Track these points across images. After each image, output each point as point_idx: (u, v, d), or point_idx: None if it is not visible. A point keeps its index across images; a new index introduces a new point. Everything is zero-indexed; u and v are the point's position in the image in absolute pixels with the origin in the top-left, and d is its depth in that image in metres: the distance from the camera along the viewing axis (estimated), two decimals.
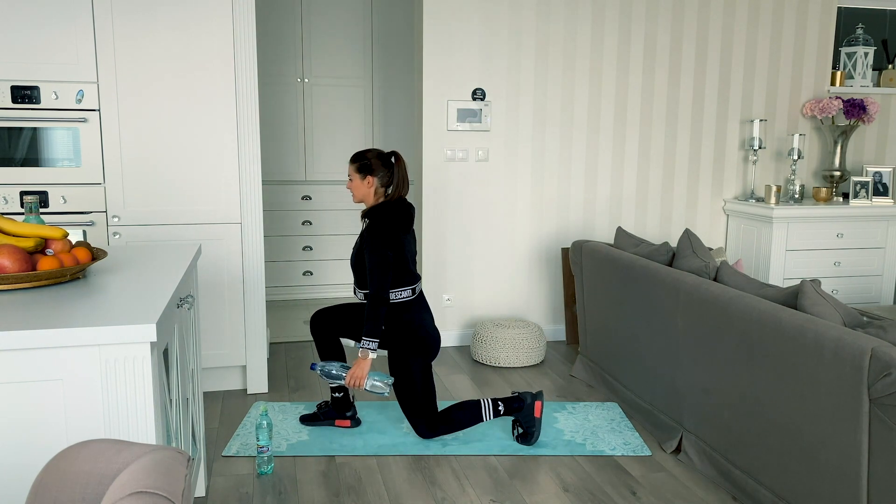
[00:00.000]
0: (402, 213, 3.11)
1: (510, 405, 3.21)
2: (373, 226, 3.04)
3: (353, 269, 3.19)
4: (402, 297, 3.13)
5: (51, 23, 3.34)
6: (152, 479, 1.12)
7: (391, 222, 3.06)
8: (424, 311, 3.20)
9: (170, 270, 2.23)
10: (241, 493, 2.81)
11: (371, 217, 3.07)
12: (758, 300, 2.63)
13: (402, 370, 3.15)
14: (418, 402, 3.16)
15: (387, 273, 3.03)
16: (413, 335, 3.13)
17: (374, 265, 3.02)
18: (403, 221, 3.11)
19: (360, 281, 3.19)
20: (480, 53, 4.46)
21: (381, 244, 3.02)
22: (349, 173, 3.17)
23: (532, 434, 3.20)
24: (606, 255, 3.70)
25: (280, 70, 5.60)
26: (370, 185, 3.13)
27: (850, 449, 2.22)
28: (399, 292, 3.12)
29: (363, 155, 3.13)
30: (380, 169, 3.12)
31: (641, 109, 4.76)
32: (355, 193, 3.17)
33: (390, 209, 3.09)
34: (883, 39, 5.39)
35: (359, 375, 3.06)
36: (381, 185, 3.14)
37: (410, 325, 3.14)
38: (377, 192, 3.14)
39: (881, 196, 4.97)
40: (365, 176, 3.12)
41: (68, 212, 3.49)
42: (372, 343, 3.04)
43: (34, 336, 1.58)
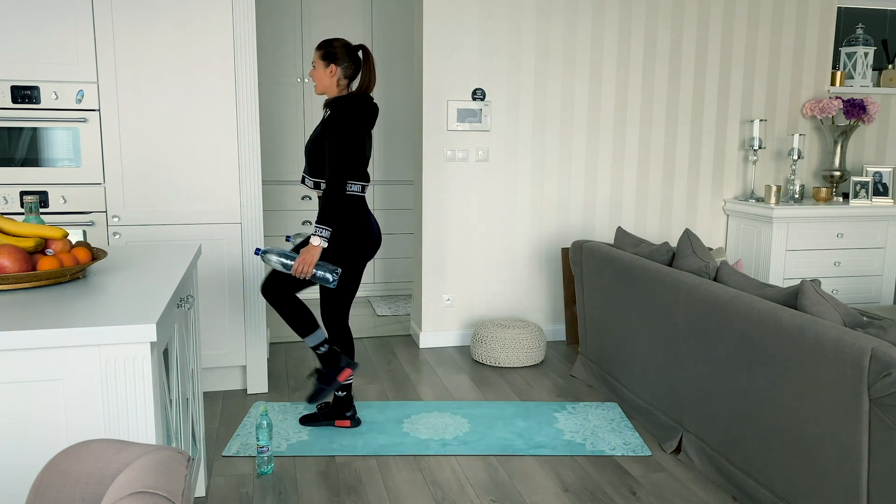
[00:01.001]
0: (367, 107, 3.06)
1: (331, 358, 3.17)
2: (337, 115, 2.99)
3: (308, 157, 3.13)
4: (353, 191, 3.09)
5: (51, 23, 3.34)
6: (152, 479, 1.12)
7: (355, 113, 3.00)
8: (368, 211, 3.17)
9: (170, 270, 2.23)
10: (241, 493, 2.81)
11: (334, 108, 3.01)
12: (758, 300, 2.63)
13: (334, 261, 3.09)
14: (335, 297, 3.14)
15: (347, 162, 2.98)
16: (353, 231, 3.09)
17: (335, 153, 2.96)
18: (367, 116, 3.06)
19: (312, 170, 3.13)
20: (480, 53, 4.46)
21: (345, 133, 2.97)
22: (313, 60, 3.11)
23: (321, 392, 3.16)
24: (606, 255, 3.70)
25: (280, 70, 5.60)
26: (332, 74, 3.07)
27: (850, 449, 2.22)
28: (352, 185, 3.08)
29: (329, 43, 3.08)
30: (344, 59, 3.07)
31: (641, 109, 4.76)
32: (318, 84, 3.10)
33: (357, 101, 3.03)
34: (883, 39, 5.39)
35: (307, 261, 2.98)
36: (345, 77, 3.08)
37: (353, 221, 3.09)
38: (339, 84, 3.09)
39: (881, 196, 4.97)
40: (329, 64, 3.06)
41: (68, 212, 3.49)
42: (325, 231, 2.98)
43: (34, 336, 1.58)
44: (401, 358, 4.42)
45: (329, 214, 2.98)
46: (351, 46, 3.10)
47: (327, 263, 3.04)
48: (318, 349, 3.20)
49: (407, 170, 5.93)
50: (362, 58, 3.11)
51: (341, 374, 3.21)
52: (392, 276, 5.99)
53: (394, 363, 4.33)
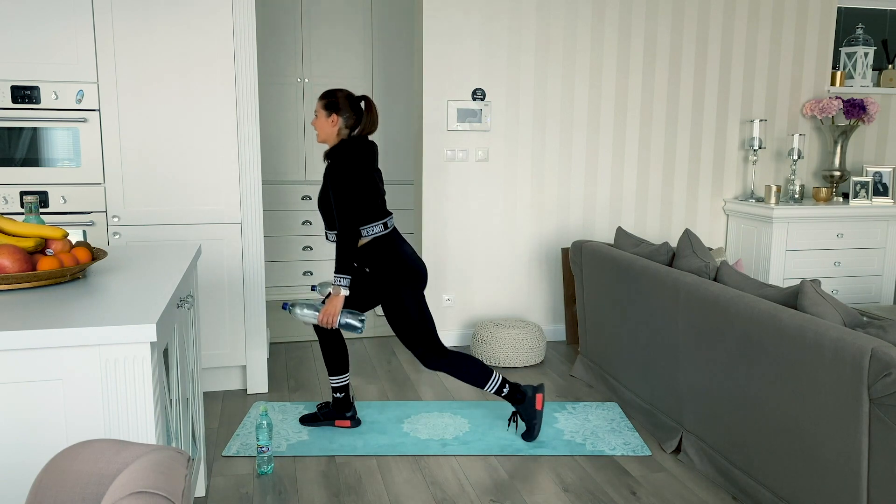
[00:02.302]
0: (363, 148, 3.07)
1: (513, 394, 3.21)
2: (334, 163, 3.01)
3: (321, 212, 3.16)
4: (374, 233, 3.09)
5: (51, 23, 3.34)
6: (152, 479, 1.12)
7: (352, 157, 3.01)
8: (402, 244, 3.16)
9: (170, 270, 2.23)
10: (241, 493, 2.81)
11: (333, 156, 3.03)
12: (758, 300, 2.63)
13: (394, 303, 3.11)
14: (416, 330, 3.13)
15: (352, 207, 2.99)
16: (397, 266, 3.09)
17: (339, 200, 2.98)
18: (365, 157, 3.07)
19: (329, 223, 3.16)
20: (480, 53, 4.46)
21: (344, 179, 2.98)
22: (315, 109, 3.14)
23: (534, 427, 3.21)
24: (606, 255, 3.70)
25: (280, 70, 5.60)
26: (334, 123, 3.09)
27: (850, 449, 2.22)
28: (371, 228, 3.08)
29: (333, 93, 3.10)
30: (346, 110, 3.08)
31: (641, 109, 4.76)
32: (319, 132, 3.12)
33: (350, 145, 3.04)
34: (883, 39, 5.39)
35: (331, 312, 3.03)
36: (346, 127, 3.10)
37: (392, 257, 3.10)
38: (340, 134, 3.11)
39: (881, 196, 4.97)
40: (330, 114, 3.08)
41: (68, 212, 3.49)
42: (343, 280, 3.01)
43: (34, 336, 1.58)
44: (401, 358, 4.42)
45: (343, 262, 3.02)
46: (353, 97, 3.12)
47: (354, 311, 3.10)
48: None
49: (407, 170, 5.93)
50: (365, 108, 3.12)
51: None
52: None
53: (394, 363, 4.33)
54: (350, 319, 3.07)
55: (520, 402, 3.21)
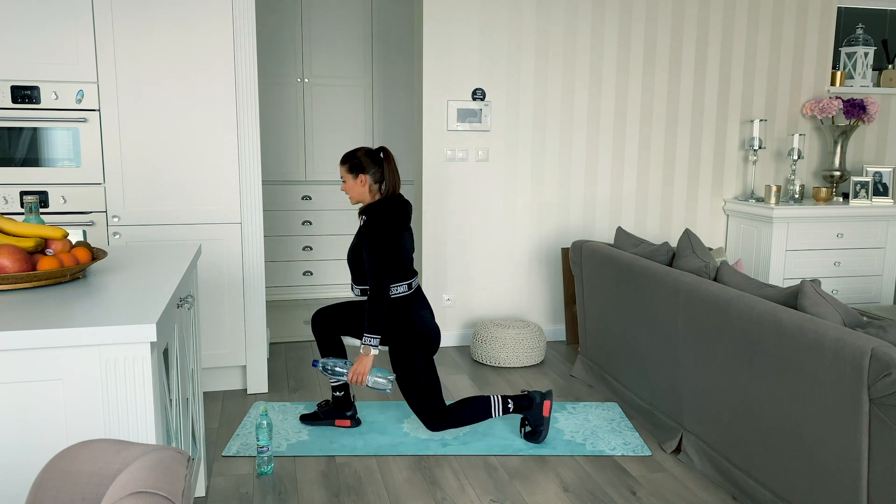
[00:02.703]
0: (400, 209, 3.12)
1: (519, 403, 3.22)
2: (371, 223, 3.05)
3: (351, 266, 3.21)
4: (399, 293, 3.14)
5: (51, 23, 3.34)
6: (152, 479, 1.12)
7: (389, 219, 3.07)
8: (423, 307, 3.21)
9: (170, 270, 2.23)
10: (241, 493, 2.81)
11: (369, 214, 3.08)
12: (758, 300, 2.63)
13: (405, 365, 3.15)
14: (423, 395, 3.17)
15: (386, 269, 3.04)
16: (412, 330, 3.14)
17: (374, 262, 3.03)
18: (401, 218, 3.12)
19: (357, 277, 3.20)
20: (480, 53, 4.46)
21: (381, 241, 3.03)
22: (341, 175, 3.19)
23: (540, 433, 3.21)
24: (606, 255, 3.70)
25: (280, 70, 5.60)
26: (363, 183, 3.14)
27: (850, 449, 2.22)
28: (396, 287, 3.13)
29: (353, 155, 3.15)
30: (371, 166, 3.13)
31: (641, 109, 4.76)
32: (351, 195, 3.18)
33: (388, 206, 3.09)
34: (883, 39, 5.39)
35: (361, 371, 3.08)
36: (375, 182, 3.15)
37: (409, 320, 3.14)
38: (371, 190, 3.16)
39: (881, 196, 4.97)
40: (357, 175, 3.13)
41: (68, 212, 3.49)
42: (373, 339, 3.05)
43: (34, 336, 1.58)
44: None
45: (374, 323, 3.06)
46: (372, 151, 3.16)
47: (384, 370, 3.13)
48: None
49: (407, 170, 5.93)
50: (384, 158, 3.15)
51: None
52: None
53: None
54: (379, 377, 3.10)
55: (528, 409, 3.23)
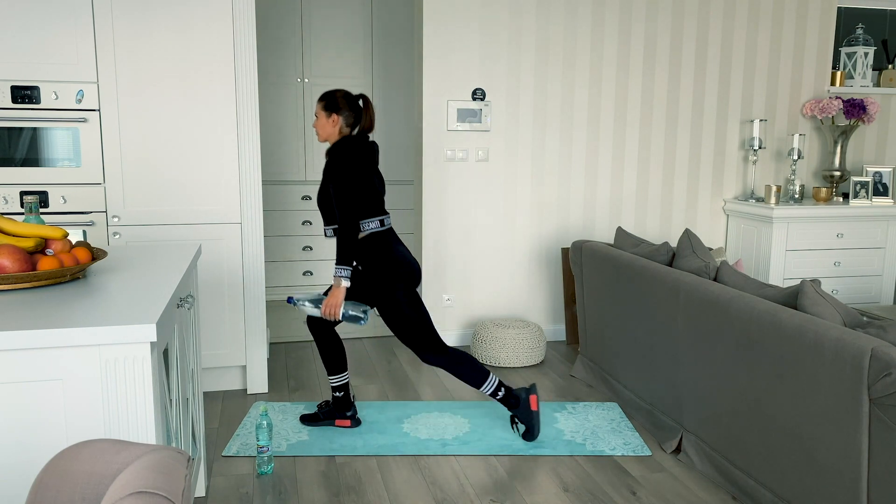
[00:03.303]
0: (364, 147, 3.11)
1: (507, 398, 3.23)
2: (334, 159, 3.05)
3: (321, 208, 3.20)
4: (371, 228, 3.12)
5: (51, 23, 3.34)
6: (152, 479, 1.12)
7: (351, 153, 3.06)
8: (397, 243, 3.19)
9: (170, 270, 2.23)
10: (241, 493, 2.81)
11: (332, 152, 3.08)
12: (758, 300, 2.63)
13: (390, 302, 3.13)
14: (412, 328, 3.15)
15: (352, 201, 3.02)
16: (390, 264, 3.12)
17: (340, 195, 3.02)
18: (365, 155, 3.11)
19: (327, 218, 3.19)
20: (480, 53, 4.46)
21: (344, 174, 3.02)
22: (315, 111, 3.19)
23: (533, 428, 3.22)
24: (606, 255, 3.70)
25: (280, 70, 5.60)
26: (335, 123, 3.13)
27: (850, 449, 2.22)
28: (368, 223, 3.11)
29: (332, 94, 3.15)
30: (345, 108, 3.13)
31: (641, 109, 4.76)
32: (320, 132, 3.17)
33: (350, 142, 3.09)
34: (883, 39, 5.39)
35: (333, 304, 3.06)
36: (346, 125, 3.15)
37: (387, 255, 3.12)
38: (341, 132, 3.16)
39: (881, 196, 4.97)
40: (330, 114, 3.13)
41: (68, 212, 3.49)
42: (344, 271, 3.04)
43: (34, 336, 1.58)
44: (401, 358, 4.42)
45: (344, 254, 3.05)
46: (351, 96, 3.16)
47: (357, 302, 3.12)
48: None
49: (407, 170, 5.93)
50: (363, 106, 3.16)
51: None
52: None
53: (394, 363, 4.33)
54: (353, 311, 3.08)
55: (515, 407, 3.23)
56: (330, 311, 3.07)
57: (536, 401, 3.23)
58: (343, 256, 3.05)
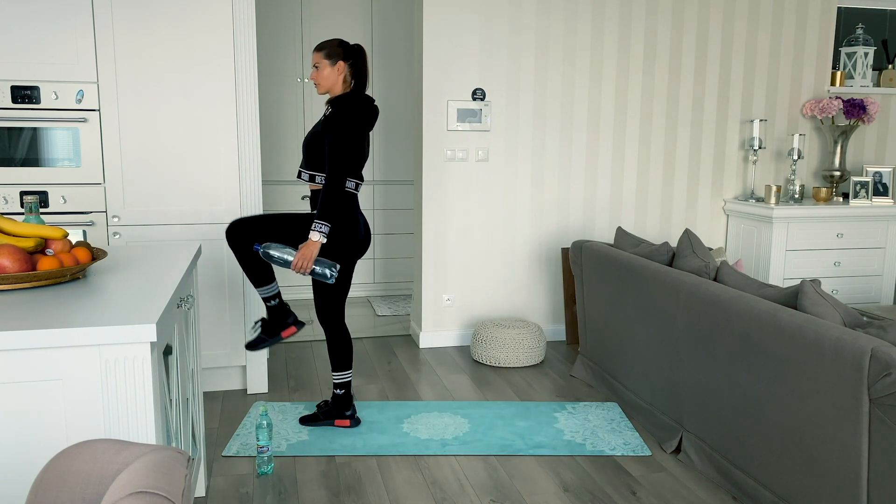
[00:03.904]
0: (369, 108, 3.09)
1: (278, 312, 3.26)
2: (342, 112, 3.00)
3: (306, 149, 3.14)
4: (348, 188, 3.10)
5: (51, 23, 3.34)
6: (152, 479, 1.12)
7: (358, 111, 3.03)
8: (358, 210, 3.19)
9: (170, 270, 2.23)
10: (241, 493, 2.81)
11: (338, 105, 3.03)
12: (758, 300, 2.63)
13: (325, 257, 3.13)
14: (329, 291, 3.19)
15: (348, 158, 2.99)
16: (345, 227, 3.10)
17: (338, 151, 2.98)
18: (369, 115, 3.09)
19: (309, 163, 3.14)
20: (480, 53, 4.46)
21: (348, 131, 2.99)
22: (315, 62, 3.10)
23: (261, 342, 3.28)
24: (606, 255, 3.70)
25: (280, 70, 5.60)
26: (341, 71, 3.08)
27: (850, 449, 2.22)
28: (348, 182, 3.10)
29: (330, 43, 3.09)
30: (349, 56, 3.09)
31: (641, 109, 4.76)
32: (323, 84, 3.10)
33: (360, 100, 3.06)
34: (883, 39, 5.39)
35: (307, 256, 3.01)
36: (350, 75, 3.10)
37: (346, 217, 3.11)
38: (345, 81, 3.11)
39: (881, 196, 4.97)
40: (336, 61, 3.07)
41: (68, 212, 3.49)
42: (324, 226, 3.00)
43: (34, 336, 1.58)
44: (401, 358, 4.42)
45: (328, 210, 3.00)
46: (348, 45, 3.13)
47: (326, 259, 3.08)
48: (270, 302, 3.28)
49: (407, 170, 5.93)
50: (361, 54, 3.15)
51: (286, 329, 3.32)
52: (392, 276, 5.99)
53: (394, 363, 4.33)
54: (322, 267, 3.04)
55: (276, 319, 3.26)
56: (303, 263, 3.01)
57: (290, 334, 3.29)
58: (326, 212, 3.00)
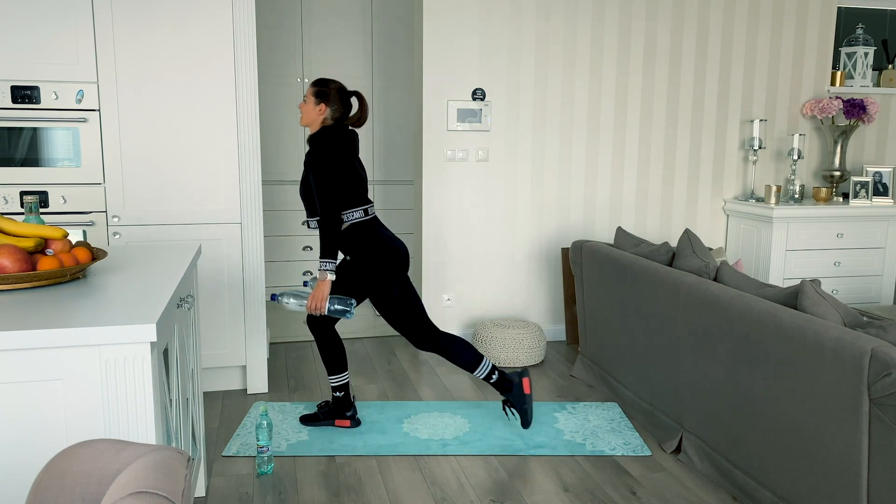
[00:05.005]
0: (345, 136, 3.10)
1: (501, 383, 3.24)
2: (315, 150, 3.03)
3: (303, 199, 3.19)
4: (354, 218, 3.11)
5: (51, 23, 3.34)
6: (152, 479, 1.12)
7: (332, 144, 3.04)
8: (382, 228, 3.18)
9: (170, 270, 2.23)
10: (241, 493, 2.81)
11: (313, 142, 3.06)
12: (757, 300, 2.63)
13: (380, 290, 3.13)
14: (403, 312, 3.15)
15: (334, 192, 3.01)
16: (375, 251, 3.11)
17: (321, 186, 3.00)
18: (346, 145, 3.09)
19: (310, 209, 3.19)
20: (480, 53, 4.46)
21: (325, 165, 3.00)
22: (306, 94, 3.16)
23: (526, 412, 3.24)
24: (606, 255, 3.70)
25: (280, 70, 5.60)
26: (321, 112, 3.10)
27: (850, 449, 2.22)
28: (351, 213, 3.10)
29: (326, 83, 3.11)
30: (335, 102, 3.10)
31: (641, 109, 4.76)
32: (304, 116, 3.14)
33: (331, 132, 3.08)
34: (883, 39, 5.39)
35: (319, 297, 3.05)
36: (331, 118, 3.11)
37: (374, 241, 3.12)
38: (324, 123, 3.13)
39: (881, 196, 4.97)
40: (319, 102, 3.10)
41: (68, 212, 3.49)
42: (329, 264, 3.03)
43: (34, 336, 1.58)
44: (401, 358, 4.42)
45: (327, 247, 3.04)
46: (345, 91, 3.14)
47: (341, 296, 3.11)
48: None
49: (407, 170, 5.93)
50: (358, 103, 3.15)
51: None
52: None
53: (394, 363, 4.33)
54: (339, 305, 3.08)
55: (508, 391, 3.23)
56: (315, 304, 3.05)
57: (529, 384, 3.24)
58: (327, 249, 3.03)
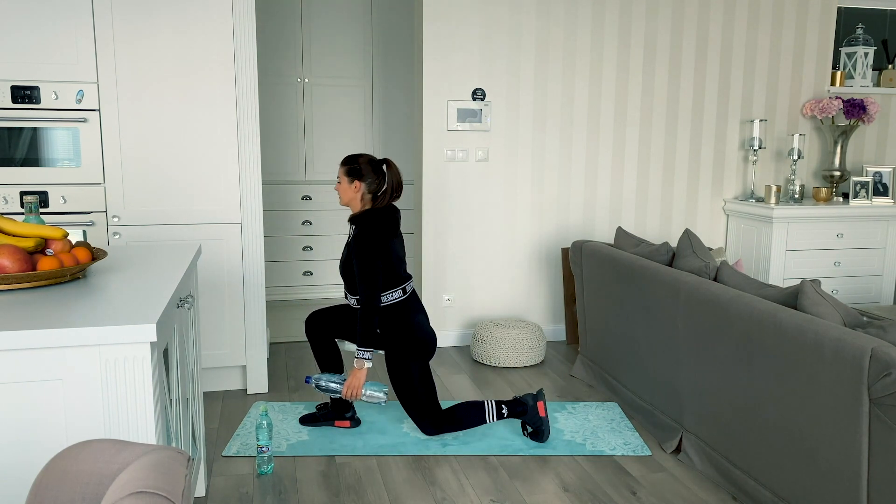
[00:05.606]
0: (388, 219, 3.11)
1: (514, 409, 3.22)
2: (360, 234, 3.03)
3: (343, 276, 3.21)
4: (393, 299, 3.14)
5: (51, 23, 3.34)
6: (152, 479, 1.12)
7: (378, 229, 3.05)
8: (418, 312, 3.21)
9: (170, 270, 2.23)
10: (241, 493, 2.81)
11: (357, 224, 3.07)
12: (758, 300, 2.63)
13: (401, 372, 3.16)
14: (420, 401, 3.18)
15: (376, 281, 3.03)
16: (408, 337, 3.14)
17: (364, 274, 3.02)
18: (389, 227, 3.10)
19: (350, 287, 3.21)
20: (480, 53, 4.46)
21: (369, 253, 3.02)
22: (338, 175, 3.17)
23: (542, 432, 3.22)
24: (606, 255, 3.70)
25: (280, 70, 5.60)
26: (357, 189, 3.12)
27: (850, 449, 2.22)
28: (390, 294, 3.13)
29: (354, 159, 3.12)
30: (369, 175, 3.11)
31: (641, 109, 4.76)
32: (342, 196, 3.16)
33: (377, 216, 3.08)
34: (883, 39, 5.39)
35: (355, 385, 3.09)
36: (369, 192, 3.12)
37: (405, 325, 3.14)
38: (364, 198, 3.13)
39: (881, 196, 4.97)
40: (353, 180, 3.11)
41: (68, 212, 3.49)
42: (366, 353, 3.06)
43: (34, 336, 1.58)
44: None
45: (366, 337, 3.06)
46: (375, 161, 3.14)
47: (377, 383, 3.15)
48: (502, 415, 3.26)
49: (407, 170, 5.93)
50: (387, 170, 3.14)
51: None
52: None
53: None
54: (374, 391, 3.12)
55: (523, 415, 3.22)
56: (352, 392, 3.09)
57: (544, 407, 3.22)
58: (365, 339, 3.06)
